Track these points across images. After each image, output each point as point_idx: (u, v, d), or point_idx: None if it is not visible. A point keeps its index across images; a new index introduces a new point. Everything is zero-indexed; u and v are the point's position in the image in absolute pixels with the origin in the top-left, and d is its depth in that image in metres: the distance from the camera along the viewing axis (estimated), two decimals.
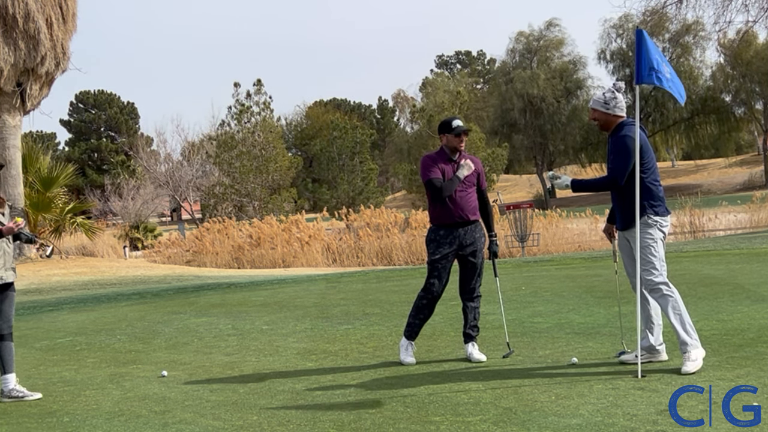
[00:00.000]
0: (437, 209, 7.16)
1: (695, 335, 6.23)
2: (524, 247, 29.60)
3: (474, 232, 7.21)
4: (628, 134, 6.33)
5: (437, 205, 7.14)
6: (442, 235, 7.14)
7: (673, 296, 6.25)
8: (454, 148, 7.17)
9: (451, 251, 7.16)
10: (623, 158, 6.28)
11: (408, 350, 7.23)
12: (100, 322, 11.37)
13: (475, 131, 66.40)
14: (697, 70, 76.17)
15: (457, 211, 7.10)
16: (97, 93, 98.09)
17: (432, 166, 7.12)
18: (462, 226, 7.14)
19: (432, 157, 7.22)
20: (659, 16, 34.64)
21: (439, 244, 7.15)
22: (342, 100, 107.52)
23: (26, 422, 5.91)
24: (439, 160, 7.16)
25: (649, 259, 6.27)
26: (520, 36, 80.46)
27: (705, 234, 29.74)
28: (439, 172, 7.09)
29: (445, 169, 7.12)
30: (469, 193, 7.16)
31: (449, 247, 7.15)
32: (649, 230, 6.31)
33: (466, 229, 7.16)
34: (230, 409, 5.84)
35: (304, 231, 33.15)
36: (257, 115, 56.76)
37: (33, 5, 25.07)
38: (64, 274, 22.72)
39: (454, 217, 7.10)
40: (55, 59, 26.00)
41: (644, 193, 6.31)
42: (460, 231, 7.14)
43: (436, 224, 7.19)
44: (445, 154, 7.20)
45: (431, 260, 7.22)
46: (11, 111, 25.98)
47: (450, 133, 7.14)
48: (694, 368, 6.03)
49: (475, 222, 7.22)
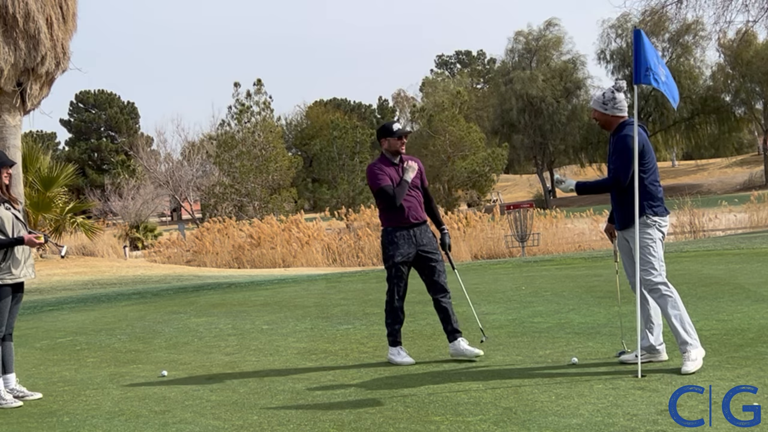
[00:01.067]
0: (390, 213, 7.31)
1: (695, 335, 6.23)
2: (524, 246, 29.60)
3: (427, 232, 7.41)
4: (629, 134, 6.33)
5: (390, 209, 7.29)
6: (399, 236, 7.29)
7: (672, 296, 6.25)
8: (396, 152, 7.35)
9: (410, 251, 7.31)
10: (625, 158, 6.29)
11: (401, 353, 7.28)
12: (100, 321, 11.37)
13: (475, 131, 66.50)
14: (697, 70, 76.24)
15: (410, 212, 7.29)
16: (97, 93, 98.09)
17: (380, 174, 7.28)
18: (416, 227, 7.33)
19: (378, 165, 7.37)
20: (659, 16, 34.62)
21: (398, 245, 7.29)
22: (342, 99, 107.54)
23: (26, 422, 5.92)
24: (385, 167, 7.33)
25: (648, 259, 6.27)
26: (519, 36, 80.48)
27: (705, 234, 29.74)
28: (388, 179, 7.26)
29: (391, 174, 7.31)
30: (416, 194, 7.37)
31: (408, 248, 7.30)
32: (648, 230, 6.31)
33: (420, 229, 7.35)
34: (230, 409, 5.84)
35: (304, 231, 33.14)
36: (257, 115, 56.74)
37: (33, 5, 25.06)
38: (64, 274, 22.72)
39: (409, 219, 7.29)
40: (56, 59, 25.97)
41: (644, 194, 6.31)
42: (415, 231, 7.32)
43: (392, 227, 7.32)
44: (388, 160, 7.38)
45: (394, 262, 7.34)
46: (11, 111, 25.96)
47: (392, 137, 7.32)
48: (694, 368, 6.03)
49: (426, 221, 7.44)
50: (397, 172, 7.32)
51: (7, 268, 6.54)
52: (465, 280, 13.66)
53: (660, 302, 6.29)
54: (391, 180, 7.26)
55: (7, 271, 6.54)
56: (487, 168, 65.19)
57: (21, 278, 6.67)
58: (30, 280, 6.95)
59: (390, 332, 7.38)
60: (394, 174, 7.31)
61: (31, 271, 6.78)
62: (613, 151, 6.42)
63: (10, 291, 6.62)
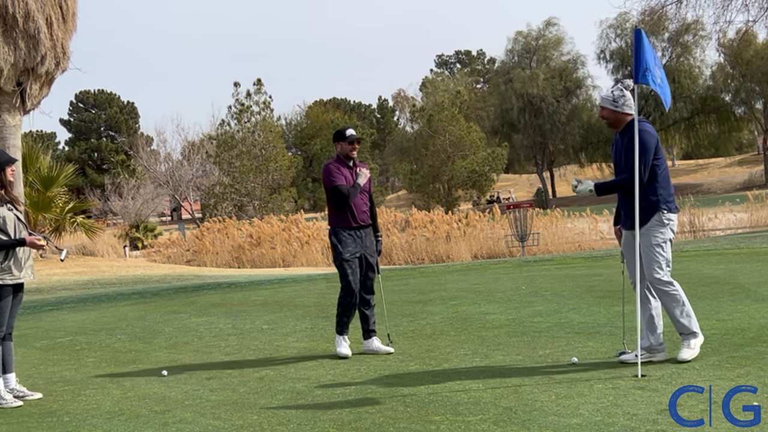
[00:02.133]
0: (340, 213, 7.68)
1: (696, 325, 6.35)
2: (524, 246, 29.60)
3: (370, 235, 7.83)
4: (645, 129, 6.36)
5: (340, 210, 7.66)
6: (347, 236, 7.68)
7: (678, 293, 6.35)
8: (348, 155, 7.72)
9: (357, 251, 7.70)
10: (644, 155, 6.30)
11: (343, 343, 7.64)
12: (100, 321, 11.37)
13: (475, 131, 66.47)
14: (697, 70, 76.19)
15: (358, 214, 7.69)
16: (97, 92, 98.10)
17: (336, 172, 7.65)
18: (362, 229, 7.75)
19: (334, 165, 7.74)
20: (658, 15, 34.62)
21: (347, 244, 7.67)
22: (342, 99, 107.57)
23: (26, 422, 5.92)
24: (341, 167, 7.70)
25: (657, 258, 6.34)
26: (519, 36, 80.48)
27: (705, 233, 29.74)
28: (343, 179, 7.63)
29: (347, 175, 7.68)
30: (365, 199, 7.77)
31: (355, 247, 7.70)
32: (662, 229, 6.39)
33: (365, 231, 7.78)
34: (230, 409, 5.84)
35: (304, 230, 33.15)
36: (257, 115, 56.77)
37: (33, 5, 25.05)
38: (64, 274, 22.73)
39: (357, 220, 7.69)
40: (55, 59, 25.96)
41: (660, 190, 6.37)
42: (361, 233, 7.75)
43: (340, 227, 7.70)
44: (343, 161, 7.75)
45: (344, 259, 7.66)
46: (11, 110, 25.95)
47: (344, 141, 7.69)
48: (691, 356, 6.18)
49: (369, 225, 7.84)
50: (351, 174, 7.70)
51: (8, 269, 6.55)
52: (465, 279, 13.71)
53: (665, 300, 6.36)
54: (346, 180, 7.63)
55: (8, 272, 6.55)
56: (487, 168, 65.17)
57: (21, 279, 6.67)
58: (29, 280, 6.95)
59: (338, 322, 7.73)
60: (348, 175, 7.68)
61: (30, 272, 6.78)
62: (626, 149, 6.39)
63: (10, 291, 6.62)
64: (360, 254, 7.70)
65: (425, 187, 65.52)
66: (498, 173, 69.86)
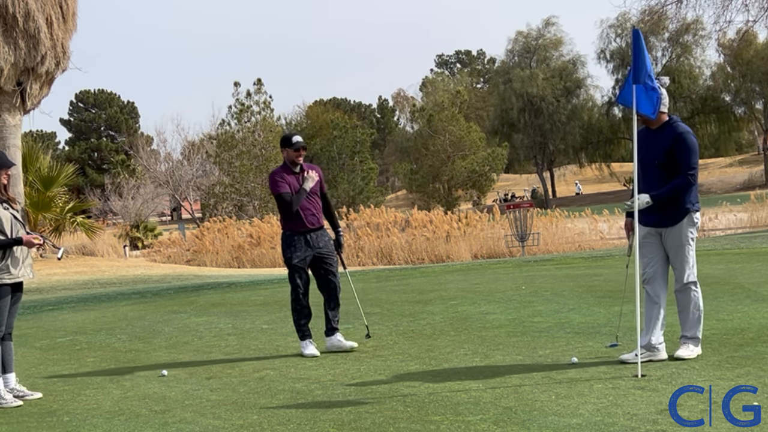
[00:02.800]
0: (290, 218, 7.87)
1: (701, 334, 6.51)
2: (524, 246, 29.60)
3: (323, 236, 8.01)
4: (690, 131, 6.43)
5: (289, 214, 7.85)
6: (297, 240, 7.87)
7: (699, 295, 6.49)
8: (293, 162, 7.89)
9: (307, 254, 7.89)
10: (696, 156, 6.38)
11: (309, 346, 7.81)
12: (100, 321, 11.38)
13: (475, 131, 66.44)
14: (697, 70, 76.17)
15: (307, 218, 7.87)
16: (97, 92, 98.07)
17: (280, 180, 7.82)
18: (313, 231, 7.93)
19: (278, 172, 7.91)
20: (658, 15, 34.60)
21: (296, 248, 7.87)
22: (342, 99, 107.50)
23: (26, 421, 5.92)
24: (285, 174, 7.87)
25: (689, 258, 6.44)
26: (519, 36, 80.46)
27: (705, 233, 29.72)
28: (287, 186, 7.81)
29: (291, 181, 7.85)
30: (315, 201, 7.94)
31: (305, 250, 7.88)
32: (691, 229, 6.46)
33: (317, 234, 7.95)
34: (230, 409, 5.84)
35: None
36: (257, 115, 56.72)
37: (33, 4, 25.04)
38: (64, 274, 22.72)
39: (306, 224, 7.87)
40: (56, 58, 25.96)
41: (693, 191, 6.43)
42: (312, 235, 7.92)
43: (290, 231, 7.90)
44: (289, 168, 7.92)
45: (292, 263, 7.88)
46: (11, 110, 25.94)
47: (290, 148, 7.87)
48: (688, 356, 6.32)
49: (323, 227, 8.04)
50: (297, 180, 7.86)
51: (6, 268, 6.55)
52: (465, 279, 13.71)
53: (688, 299, 6.47)
54: (290, 187, 7.80)
55: (6, 271, 6.55)
56: (487, 167, 65.14)
57: (20, 278, 6.67)
58: (29, 279, 6.95)
59: (297, 328, 7.92)
60: (293, 181, 7.85)
61: (29, 271, 6.78)
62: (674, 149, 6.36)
63: (9, 291, 6.62)
64: (312, 256, 7.92)
65: (425, 187, 65.51)
66: (498, 173, 69.82)
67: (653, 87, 6.30)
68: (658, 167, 6.44)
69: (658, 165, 6.44)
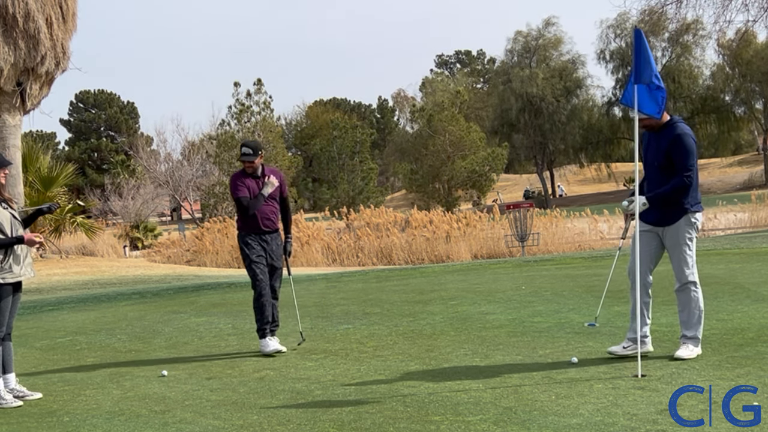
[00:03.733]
0: (246, 219, 8.13)
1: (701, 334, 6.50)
2: (524, 246, 29.60)
3: (276, 240, 8.26)
4: (688, 133, 6.42)
5: (245, 216, 8.10)
6: (253, 239, 8.14)
7: (699, 295, 6.50)
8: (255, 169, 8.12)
9: (262, 254, 8.14)
10: (693, 158, 6.38)
11: (269, 343, 7.98)
12: (100, 321, 11.38)
13: (475, 131, 66.41)
14: (697, 70, 76.15)
15: (263, 221, 8.13)
16: (97, 92, 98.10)
17: (239, 185, 8.10)
18: (268, 234, 8.19)
19: (238, 176, 8.20)
20: (658, 15, 34.61)
21: (252, 247, 8.13)
22: (342, 99, 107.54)
23: (26, 422, 5.91)
24: (245, 178, 8.15)
25: (686, 258, 6.45)
26: (518, 36, 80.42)
27: (705, 233, 29.73)
28: (246, 190, 8.07)
29: (251, 185, 8.11)
30: (272, 205, 8.20)
31: (261, 251, 8.14)
32: (689, 229, 6.47)
33: (271, 237, 8.21)
34: (230, 409, 5.84)
35: (303, 231, 33.14)
36: (257, 115, 56.70)
37: (33, 5, 25.05)
38: (64, 274, 22.72)
39: (261, 227, 8.14)
40: (55, 59, 25.98)
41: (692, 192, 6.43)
42: (267, 237, 8.19)
43: (246, 232, 8.17)
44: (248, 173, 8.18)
45: (252, 260, 8.10)
46: (11, 110, 25.96)
47: (241, 157, 8.16)
48: (687, 356, 6.30)
49: (277, 231, 8.29)
50: (257, 184, 8.12)
51: (8, 267, 6.56)
52: (465, 279, 13.70)
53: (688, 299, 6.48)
54: (249, 190, 8.06)
55: (8, 270, 6.56)
56: (487, 168, 65.09)
57: (21, 277, 6.68)
58: (30, 279, 6.96)
59: (259, 328, 8.08)
60: (253, 185, 8.11)
61: (30, 270, 6.79)
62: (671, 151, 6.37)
63: (11, 290, 6.63)
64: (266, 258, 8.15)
65: (425, 187, 65.47)
66: (498, 173, 69.75)
67: (658, 86, 6.29)
68: (658, 169, 6.48)
69: (658, 167, 6.48)
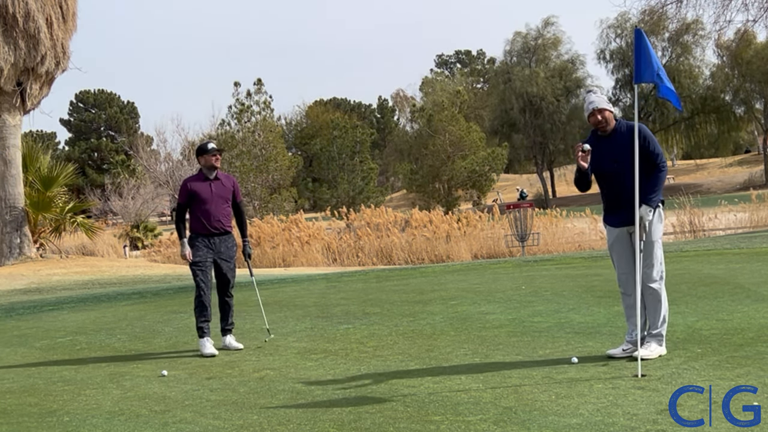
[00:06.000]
0: (195, 220, 8.43)
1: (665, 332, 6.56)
2: (524, 246, 29.59)
3: (227, 241, 8.56)
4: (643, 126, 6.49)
5: (195, 217, 8.43)
6: (200, 242, 8.42)
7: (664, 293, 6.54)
8: (211, 166, 8.46)
9: (209, 255, 8.43)
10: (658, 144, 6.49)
11: (207, 344, 8.23)
12: (100, 321, 11.38)
13: (475, 131, 66.42)
14: (697, 70, 76.18)
15: (211, 222, 8.42)
16: (97, 92, 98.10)
17: (183, 191, 8.46)
18: (216, 236, 8.47)
19: (189, 182, 8.52)
20: (658, 15, 34.61)
21: (198, 248, 8.41)
22: (342, 99, 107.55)
23: (26, 421, 5.91)
24: (198, 181, 8.47)
25: (657, 254, 6.49)
26: (517, 36, 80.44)
27: (705, 233, 29.72)
28: (186, 197, 8.42)
29: (203, 189, 8.43)
30: (223, 208, 8.49)
31: (207, 252, 8.42)
32: (659, 225, 6.54)
33: (220, 239, 8.50)
34: (230, 409, 5.84)
35: (304, 230, 33.14)
36: (257, 115, 56.70)
37: (33, 4, 25.05)
38: (64, 274, 22.71)
39: (209, 228, 8.43)
40: (55, 58, 25.98)
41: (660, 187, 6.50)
42: (215, 239, 8.47)
43: (195, 233, 8.45)
44: (203, 175, 8.50)
45: (193, 262, 8.40)
46: (11, 110, 25.96)
47: (207, 154, 8.42)
48: (649, 356, 6.34)
49: (229, 233, 8.58)
50: (210, 188, 8.43)
51: None
52: (465, 279, 13.70)
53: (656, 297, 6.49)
54: (198, 194, 8.37)
55: None
56: (487, 167, 65.12)
57: None
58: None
59: (198, 328, 8.36)
60: (204, 188, 8.43)
61: None
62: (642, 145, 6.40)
63: None
64: (212, 259, 8.44)
65: (425, 187, 65.49)
66: (498, 173, 69.79)
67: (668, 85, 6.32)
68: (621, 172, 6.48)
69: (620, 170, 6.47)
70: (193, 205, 8.44)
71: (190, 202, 8.45)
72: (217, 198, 8.44)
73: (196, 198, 8.40)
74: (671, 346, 6.64)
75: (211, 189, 8.44)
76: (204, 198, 8.40)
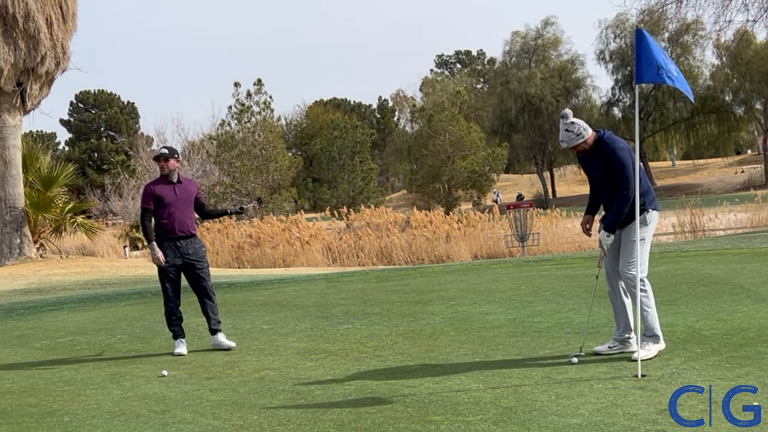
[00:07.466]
0: (160, 225, 8.45)
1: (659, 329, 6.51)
2: (524, 246, 29.59)
3: (194, 244, 8.56)
4: (622, 146, 6.51)
5: (159, 221, 8.44)
6: (167, 246, 8.43)
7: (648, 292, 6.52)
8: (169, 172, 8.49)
9: (176, 260, 8.45)
10: (630, 170, 6.45)
11: (180, 344, 8.43)
12: (100, 321, 11.38)
13: (475, 131, 66.41)
14: (697, 70, 76.15)
15: (177, 226, 8.44)
16: (97, 93, 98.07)
17: (148, 195, 8.46)
18: (183, 239, 8.48)
19: (152, 186, 8.54)
20: (657, 15, 34.61)
21: (165, 254, 8.41)
22: (342, 99, 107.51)
23: (26, 422, 5.91)
24: (161, 185, 8.51)
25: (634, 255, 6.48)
26: (516, 37, 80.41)
27: (705, 233, 29.72)
28: (152, 202, 8.43)
29: (166, 193, 8.46)
30: (188, 211, 8.55)
31: (174, 256, 8.44)
32: (647, 227, 6.56)
33: (186, 241, 8.50)
34: (230, 409, 5.84)
35: (304, 231, 33.14)
36: (257, 115, 56.67)
37: (33, 5, 25.05)
38: (64, 274, 22.71)
39: (175, 231, 8.44)
40: (55, 59, 25.98)
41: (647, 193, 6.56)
42: (182, 242, 8.48)
43: (161, 237, 8.45)
44: (165, 178, 8.56)
45: (160, 269, 8.44)
46: (11, 111, 25.96)
47: (158, 160, 8.50)
48: (644, 356, 6.31)
49: (194, 235, 8.60)
50: (173, 191, 8.47)
51: None
52: (465, 279, 13.70)
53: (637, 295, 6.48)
54: (163, 198, 8.39)
55: None
56: (487, 168, 65.09)
57: None
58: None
59: (170, 330, 8.56)
60: (168, 192, 8.46)
61: None
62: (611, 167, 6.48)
63: None
64: (182, 263, 8.46)
65: (425, 187, 65.47)
66: (498, 173, 69.77)
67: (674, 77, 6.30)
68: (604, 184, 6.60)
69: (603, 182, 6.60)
70: (158, 210, 8.45)
71: (156, 207, 8.47)
72: (182, 201, 8.50)
73: (161, 202, 8.43)
74: (671, 346, 6.64)
75: (175, 192, 8.48)
76: (169, 202, 8.42)
